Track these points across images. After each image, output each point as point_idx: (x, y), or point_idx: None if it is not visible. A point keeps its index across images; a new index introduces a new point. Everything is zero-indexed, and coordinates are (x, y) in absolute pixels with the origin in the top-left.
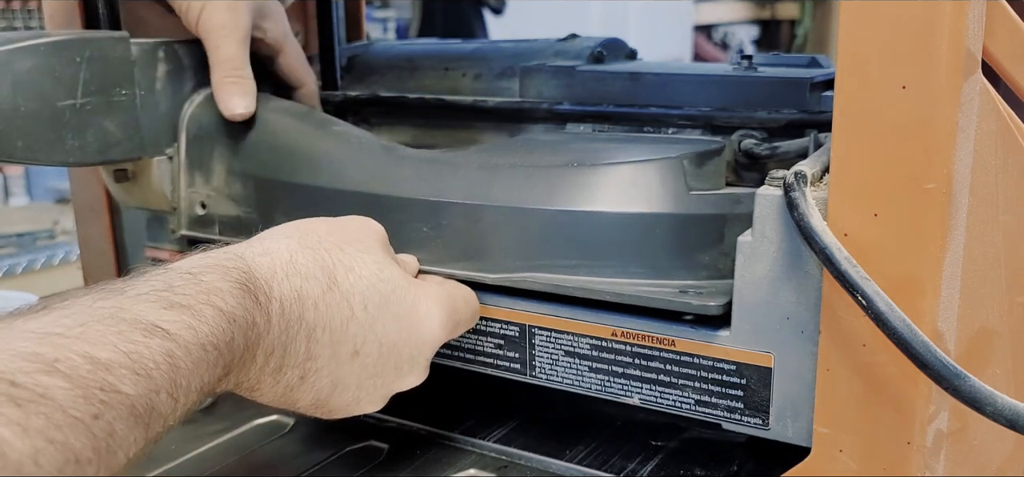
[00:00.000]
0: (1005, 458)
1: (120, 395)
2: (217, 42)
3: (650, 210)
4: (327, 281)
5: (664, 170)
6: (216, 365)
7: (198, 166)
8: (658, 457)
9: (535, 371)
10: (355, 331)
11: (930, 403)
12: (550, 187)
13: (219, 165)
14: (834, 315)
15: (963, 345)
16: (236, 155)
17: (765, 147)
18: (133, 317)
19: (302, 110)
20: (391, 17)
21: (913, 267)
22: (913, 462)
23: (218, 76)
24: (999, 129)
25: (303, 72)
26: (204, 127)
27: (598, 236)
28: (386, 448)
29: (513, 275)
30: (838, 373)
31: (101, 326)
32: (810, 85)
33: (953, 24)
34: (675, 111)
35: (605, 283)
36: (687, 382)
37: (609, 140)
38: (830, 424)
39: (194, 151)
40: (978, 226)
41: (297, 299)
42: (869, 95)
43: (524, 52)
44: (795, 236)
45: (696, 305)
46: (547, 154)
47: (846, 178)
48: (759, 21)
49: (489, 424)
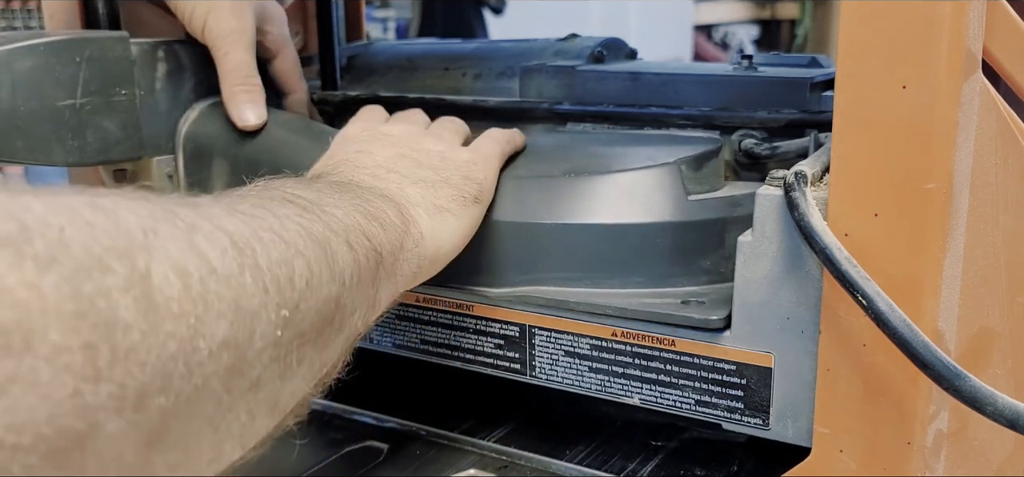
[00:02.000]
0: (1005, 458)
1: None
2: (225, 49)
3: (649, 220)
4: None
5: (662, 177)
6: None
7: (199, 185)
8: (658, 457)
9: (535, 371)
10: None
11: (930, 403)
12: (548, 199)
13: (219, 182)
14: (834, 315)
15: (963, 345)
16: (235, 171)
17: (765, 147)
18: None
19: (301, 123)
20: (391, 17)
21: (913, 267)
22: (913, 462)
23: (228, 85)
24: (999, 129)
25: (296, 79)
26: (202, 144)
27: (598, 248)
28: (386, 448)
29: (516, 289)
30: (838, 373)
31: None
32: (810, 85)
33: (953, 24)
34: (675, 111)
35: (607, 294)
36: (687, 382)
37: (608, 141)
38: (830, 424)
39: (193, 169)
40: (978, 226)
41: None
42: (869, 95)
43: (524, 52)
44: (795, 236)
45: (698, 319)
46: (545, 163)
47: (846, 178)
48: (759, 21)
49: (489, 424)
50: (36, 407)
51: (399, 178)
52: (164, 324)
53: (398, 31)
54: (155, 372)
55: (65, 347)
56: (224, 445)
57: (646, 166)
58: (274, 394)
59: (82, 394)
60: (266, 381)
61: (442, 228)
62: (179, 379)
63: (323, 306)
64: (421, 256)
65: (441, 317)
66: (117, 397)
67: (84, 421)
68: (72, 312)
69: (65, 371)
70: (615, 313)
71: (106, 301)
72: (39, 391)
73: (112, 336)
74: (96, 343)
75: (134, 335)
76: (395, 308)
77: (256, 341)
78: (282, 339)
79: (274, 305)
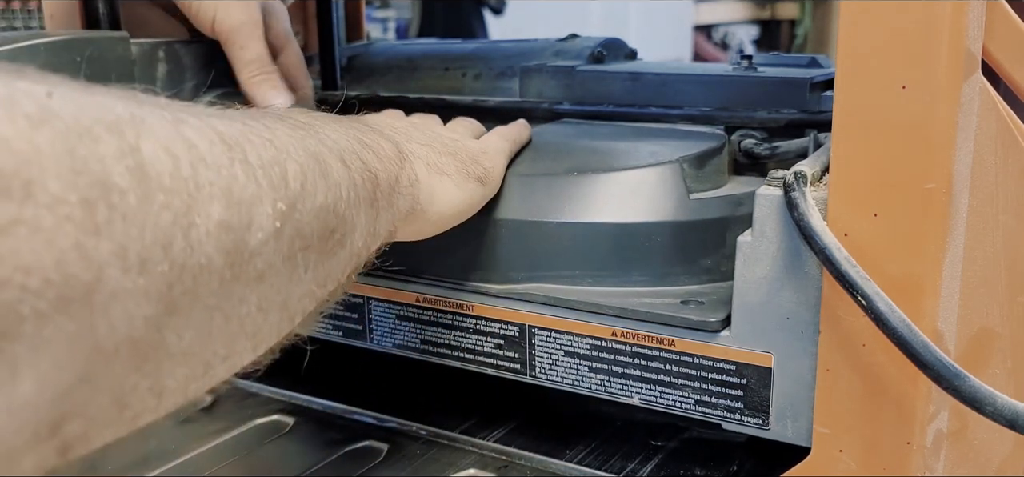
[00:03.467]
0: (1005, 458)
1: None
2: (242, 42)
3: (651, 219)
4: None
5: (664, 175)
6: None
7: None
8: (658, 457)
9: (535, 371)
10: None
11: (930, 403)
12: (550, 198)
13: None
14: (834, 315)
15: (963, 345)
16: None
17: (765, 147)
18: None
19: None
20: (391, 17)
21: (913, 267)
22: (913, 462)
23: (248, 75)
24: (999, 129)
25: (302, 75)
26: None
27: (599, 247)
28: (386, 448)
29: (516, 287)
30: (838, 373)
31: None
32: (810, 85)
33: (953, 24)
34: (675, 111)
35: (607, 293)
36: (687, 382)
37: (610, 136)
38: (830, 424)
39: None
40: (978, 226)
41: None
42: (869, 95)
43: (524, 52)
44: (795, 236)
45: (696, 320)
46: (546, 160)
47: (846, 178)
48: (759, 21)
49: (489, 424)
50: (41, 251)
51: (405, 132)
52: (157, 195)
53: (398, 31)
54: (154, 240)
55: (64, 199)
56: (237, 340)
57: (648, 164)
58: (283, 292)
59: (84, 247)
60: (272, 275)
61: (439, 185)
62: (179, 251)
63: (321, 212)
64: (415, 197)
65: (441, 317)
66: (119, 256)
67: (89, 272)
68: (68, 168)
69: (66, 221)
70: (615, 313)
71: (100, 165)
72: (43, 236)
73: (108, 195)
74: (94, 200)
75: (130, 199)
76: (395, 308)
77: (255, 231)
78: (283, 233)
79: (269, 199)
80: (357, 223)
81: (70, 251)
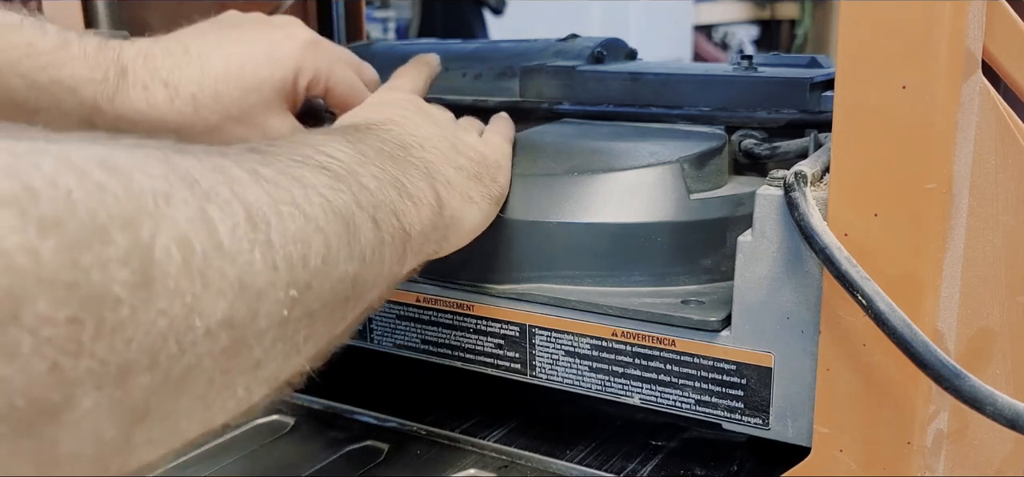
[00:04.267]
0: (1005, 458)
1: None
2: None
3: (652, 219)
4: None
5: (664, 175)
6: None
7: None
8: (658, 457)
9: (535, 371)
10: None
11: (930, 403)
12: (550, 198)
13: None
14: (834, 315)
15: (963, 345)
16: None
17: (765, 147)
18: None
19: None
20: (391, 17)
21: (913, 267)
22: (913, 462)
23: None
24: (999, 129)
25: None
26: None
27: (600, 247)
28: (386, 448)
29: (516, 287)
30: (838, 373)
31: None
32: (810, 85)
33: (953, 24)
34: (675, 111)
35: (607, 293)
36: (687, 382)
37: (610, 136)
38: (830, 424)
39: None
40: (978, 226)
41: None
42: (869, 95)
43: (524, 52)
44: (795, 236)
45: (697, 320)
46: (547, 160)
47: (846, 178)
48: (759, 21)
49: (489, 424)
50: (11, 377)
51: (441, 156)
52: (157, 301)
53: (398, 31)
54: (141, 349)
55: (50, 319)
56: (216, 418)
57: (648, 164)
58: (276, 372)
59: (60, 368)
60: (269, 361)
61: (467, 214)
62: (167, 358)
63: (338, 284)
64: (445, 237)
65: (441, 317)
66: (97, 372)
67: (60, 394)
68: (65, 283)
69: (46, 344)
70: (615, 313)
71: (102, 273)
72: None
73: (100, 310)
74: (82, 317)
75: (123, 311)
76: (395, 308)
77: (260, 321)
78: (289, 319)
79: (283, 284)
80: (377, 282)
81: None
